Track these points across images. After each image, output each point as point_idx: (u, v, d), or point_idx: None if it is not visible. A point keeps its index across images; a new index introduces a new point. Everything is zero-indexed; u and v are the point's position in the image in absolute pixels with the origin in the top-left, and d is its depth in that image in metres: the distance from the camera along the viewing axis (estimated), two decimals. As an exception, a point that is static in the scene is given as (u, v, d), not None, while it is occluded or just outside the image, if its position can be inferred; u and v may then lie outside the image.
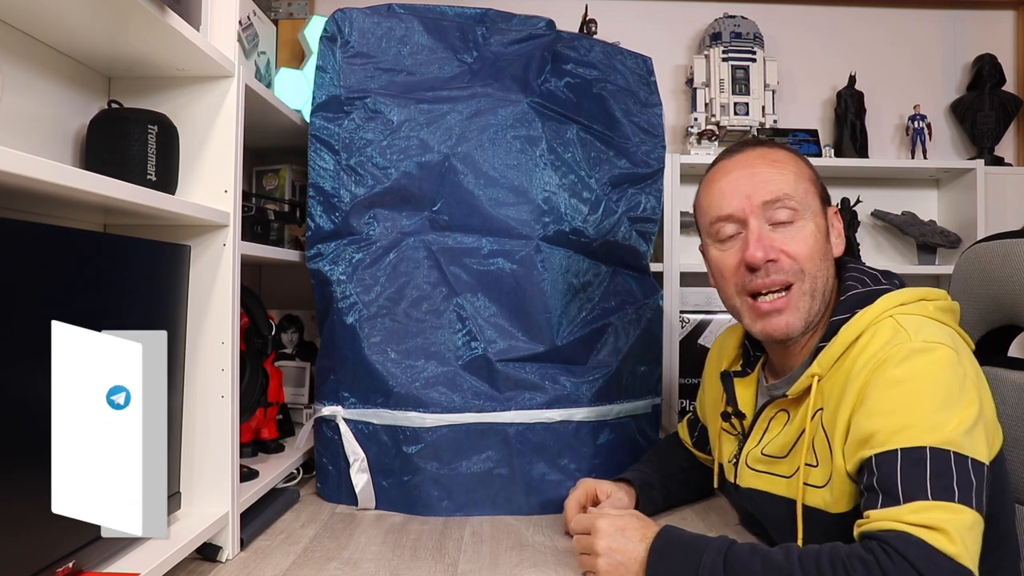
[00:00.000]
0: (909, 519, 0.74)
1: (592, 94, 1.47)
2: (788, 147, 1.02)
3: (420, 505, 1.26)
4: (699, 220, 1.05)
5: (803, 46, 2.29)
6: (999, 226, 1.97)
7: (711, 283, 1.06)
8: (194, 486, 1.03)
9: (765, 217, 0.95)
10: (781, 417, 0.99)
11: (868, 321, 0.89)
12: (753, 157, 0.99)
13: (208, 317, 1.04)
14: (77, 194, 0.73)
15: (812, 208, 0.96)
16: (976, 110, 2.22)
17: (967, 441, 0.78)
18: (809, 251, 0.94)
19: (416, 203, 1.34)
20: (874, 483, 0.79)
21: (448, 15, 1.44)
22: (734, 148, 1.03)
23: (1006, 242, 1.04)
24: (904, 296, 0.91)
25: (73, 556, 0.77)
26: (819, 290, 0.95)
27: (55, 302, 0.73)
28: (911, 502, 0.75)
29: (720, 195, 0.98)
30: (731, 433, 1.09)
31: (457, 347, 1.30)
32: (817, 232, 0.95)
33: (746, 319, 0.99)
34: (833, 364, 0.90)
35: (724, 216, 0.97)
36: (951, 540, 0.72)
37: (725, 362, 1.14)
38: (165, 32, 0.90)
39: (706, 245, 1.03)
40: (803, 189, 0.96)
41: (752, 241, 0.94)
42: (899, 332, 0.85)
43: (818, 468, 0.90)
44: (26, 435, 0.70)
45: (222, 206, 1.04)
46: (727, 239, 0.98)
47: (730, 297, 1.00)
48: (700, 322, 2.01)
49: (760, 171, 0.97)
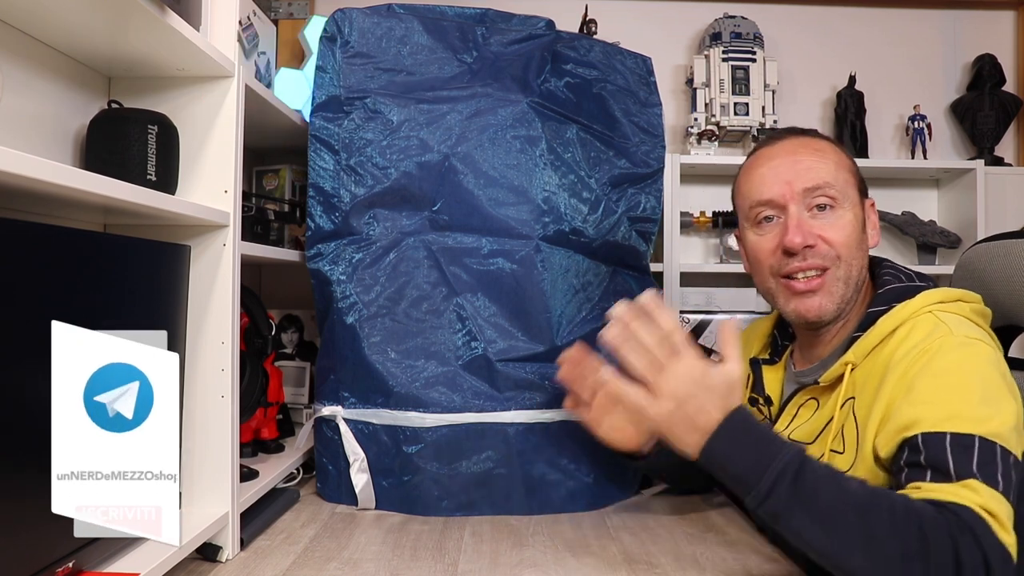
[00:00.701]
0: (972, 499, 0.73)
1: (592, 94, 1.47)
2: (829, 138, 1.05)
3: (420, 505, 1.26)
4: (738, 204, 1.07)
5: (803, 46, 2.30)
6: (999, 226, 1.98)
7: (745, 268, 1.08)
8: (194, 486, 1.03)
9: (804, 204, 0.97)
10: (811, 405, 1.00)
11: (908, 314, 0.90)
12: (795, 145, 1.01)
13: (208, 317, 1.04)
14: (77, 194, 0.73)
15: (851, 198, 0.98)
16: (976, 110, 2.22)
17: (1013, 437, 0.78)
18: (846, 238, 0.96)
19: (416, 203, 1.34)
20: (920, 460, 0.78)
21: (448, 15, 1.44)
22: (776, 135, 1.05)
23: (1006, 242, 1.04)
24: (943, 295, 0.93)
25: (73, 556, 0.77)
26: (853, 278, 0.97)
27: (55, 302, 0.73)
28: (964, 480, 0.74)
29: (761, 181, 1.00)
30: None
31: (457, 347, 1.30)
32: (855, 221, 0.98)
33: (780, 299, 1.00)
34: (868, 354, 0.92)
35: (764, 201, 0.99)
36: (1007, 530, 0.72)
37: (754, 349, 1.16)
38: (165, 32, 0.90)
39: (744, 229, 1.05)
40: (843, 179, 0.98)
41: (791, 227, 0.96)
42: (939, 326, 0.87)
43: (843, 455, 0.91)
44: (26, 435, 0.70)
45: (222, 206, 1.04)
46: (765, 223, 1.00)
47: (765, 280, 1.02)
48: (700, 322, 2.01)
49: (802, 159, 0.99)
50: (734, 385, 0.83)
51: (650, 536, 1.14)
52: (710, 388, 0.81)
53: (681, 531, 1.16)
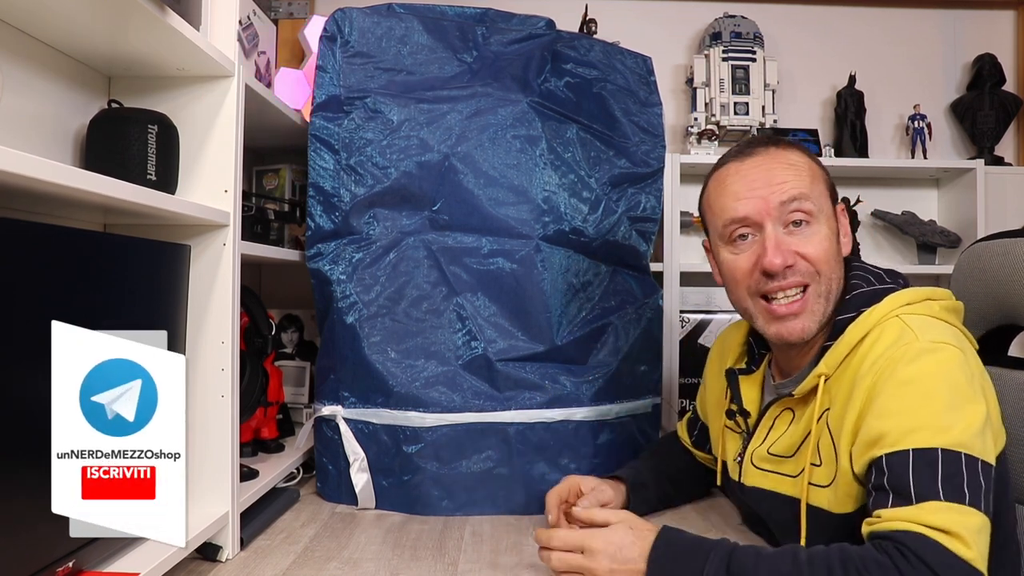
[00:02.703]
0: (924, 520, 0.74)
1: (592, 94, 1.47)
2: (800, 146, 1.01)
3: (420, 505, 1.26)
4: (709, 220, 1.03)
5: (803, 46, 2.29)
6: (999, 226, 1.97)
7: (718, 282, 1.04)
8: (194, 485, 1.02)
9: (781, 220, 0.94)
10: (786, 416, 0.98)
11: (874, 321, 0.89)
12: (768, 158, 0.97)
13: (208, 317, 1.04)
14: (77, 194, 0.73)
15: (825, 211, 0.96)
16: (976, 110, 2.22)
17: (977, 442, 0.78)
18: (824, 254, 0.93)
19: (416, 203, 1.34)
20: (884, 483, 0.78)
21: (448, 15, 1.44)
22: (746, 147, 1.00)
23: (1006, 242, 1.04)
24: (910, 296, 0.91)
25: (73, 556, 0.77)
26: (832, 291, 0.95)
27: (55, 302, 0.73)
28: (924, 502, 0.75)
29: (735, 197, 0.96)
30: (735, 431, 1.09)
31: (457, 347, 1.30)
32: (831, 235, 0.95)
33: (759, 322, 0.97)
34: (839, 364, 0.90)
35: (739, 219, 0.96)
36: (966, 544, 0.72)
37: (729, 359, 1.13)
38: (165, 32, 0.90)
39: (716, 246, 1.02)
40: (818, 191, 0.96)
41: (770, 248, 0.92)
42: (905, 332, 0.85)
43: (822, 468, 0.90)
44: (26, 435, 0.70)
45: (222, 206, 1.04)
46: (740, 241, 0.97)
47: (741, 299, 0.99)
48: (700, 322, 2.01)
49: (776, 173, 0.95)
50: (635, 526, 0.89)
51: (650, 536, 1.14)
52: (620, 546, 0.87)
53: (681, 531, 1.16)
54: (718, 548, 0.83)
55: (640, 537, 0.88)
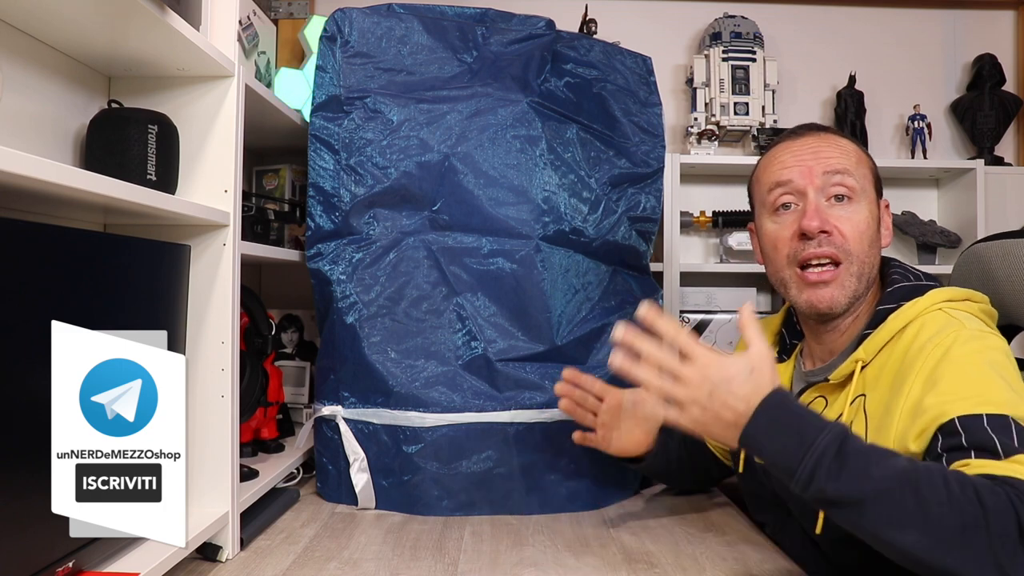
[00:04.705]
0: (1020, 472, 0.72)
1: (592, 94, 1.47)
2: (851, 136, 1.06)
3: (420, 505, 1.26)
4: (755, 192, 1.07)
5: (803, 46, 2.29)
6: (999, 226, 1.97)
7: (758, 259, 1.08)
8: (194, 486, 1.02)
9: (823, 192, 0.98)
10: (819, 403, 1.00)
11: (917, 312, 0.92)
12: (818, 139, 1.02)
13: (208, 317, 1.04)
14: (77, 194, 0.73)
15: (868, 194, 0.99)
16: (976, 110, 2.22)
17: None
18: (860, 233, 0.96)
19: (416, 203, 1.34)
20: (962, 442, 0.76)
21: (448, 15, 1.44)
22: (798, 129, 1.06)
23: (1006, 242, 1.04)
24: (951, 293, 0.94)
25: (73, 556, 0.77)
26: (865, 275, 0.97)
27: (55, 302, 0.73)
28: (1013, 456, 0.73)
29: (781, 165, 1.01)
30: None
31: (457, 347, 1.30)
32: (870, 218, 0.98)
33: (792, 289, 1.00)
34: (879, 351, 0.92)
35: (784, 181, 1.00)
36: None
37: None
38: (165, 32, 0.90)
39: (760, 218, 1.05)
40: (862, 173, 1.00)
41: (809, 211, 0.96)
42: (952, 322, 0.88)
43: None
44: (26, 435, 0.70)
45: (222, 206, 1.04)
46: (783, 211, 1.00)
47: (780, 269, 1.02)
48: (700, 322, 2.01)
49: (823, 149, 1.00)
50: (758, 368, 0.80)
51: (650, 536, 1.14)
52: (728, 380, 0.79)
53: (681, 531, 1.16)
54: (836, 425, 0.76)
55: (757, 380, 0.79)
